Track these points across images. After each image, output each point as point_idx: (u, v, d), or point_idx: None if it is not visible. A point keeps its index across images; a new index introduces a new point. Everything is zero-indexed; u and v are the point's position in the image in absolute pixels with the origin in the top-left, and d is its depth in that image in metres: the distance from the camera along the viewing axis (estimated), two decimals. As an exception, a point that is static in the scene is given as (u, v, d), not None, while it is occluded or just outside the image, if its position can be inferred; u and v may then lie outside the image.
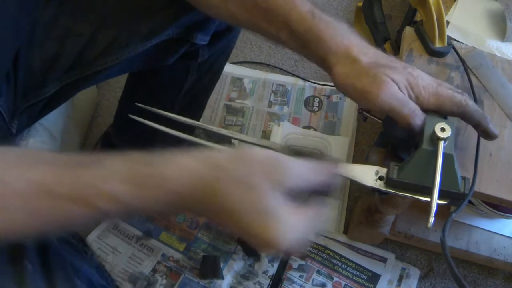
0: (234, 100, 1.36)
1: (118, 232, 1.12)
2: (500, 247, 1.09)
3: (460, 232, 1.10)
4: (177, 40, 0.75)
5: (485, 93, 0.80)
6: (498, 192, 0.73)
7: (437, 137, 0.58)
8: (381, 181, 0.61)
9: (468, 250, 1.09)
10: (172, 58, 0.78)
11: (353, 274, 1.12)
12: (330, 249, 1.14)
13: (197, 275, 1.09)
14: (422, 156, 0.59)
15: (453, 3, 1.00)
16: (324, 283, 1.11)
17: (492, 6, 1.00)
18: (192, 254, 1.12)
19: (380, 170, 0.62)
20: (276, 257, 1.11)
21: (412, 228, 1.09)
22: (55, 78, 0.69)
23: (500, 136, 0.77)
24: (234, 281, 1.09)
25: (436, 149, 0.58)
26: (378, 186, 0.61)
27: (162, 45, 0.73)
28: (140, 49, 0.71)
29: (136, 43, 0.71)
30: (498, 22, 0.97)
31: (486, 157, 0.75)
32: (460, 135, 0.76)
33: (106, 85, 1.35)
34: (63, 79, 0.70)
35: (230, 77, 1.40)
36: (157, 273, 1.09)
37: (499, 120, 0.78)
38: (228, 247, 1.13)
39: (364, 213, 1.09)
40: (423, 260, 1.17)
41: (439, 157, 0.57)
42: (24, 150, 0.55)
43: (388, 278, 1.12)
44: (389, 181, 0.61)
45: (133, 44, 0.70)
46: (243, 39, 1.46)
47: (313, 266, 1.12)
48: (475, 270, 1.17)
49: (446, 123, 0.59)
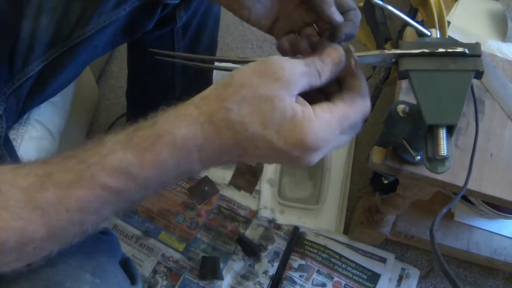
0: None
1: (118, 232, 1.12)
2: (501, 247, 1.09)
3: (460, 233, 1.10)
4: (149, 3, 0.75)
5: (486, 93, 0.80)
6: (498, 192, 0.73)
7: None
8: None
9: (469, 250, 1.09)
10: (149, 22, 0.79)
11: (353, 273, 1.12)
12: (330, 249, 1.14)
13: (197, 276, 1.09)
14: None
15: (454, 3, 0.99)
16: (324, 282, 1.10)
17: (493, 6, 0.99)
18: (191, 255, 1.12)
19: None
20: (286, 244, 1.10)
21: (413, 229, 1.09)
22: (36, 56, 0.69)
23: (501, 137, 0.77)
24: (234, 282, 1.09)
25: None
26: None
27: (136, 11, 0.74)
28: (114, 16, 0.72)
29: (108, 11, 0.71)
30: (499, 22, 0.97)
31: (487, 157, 0.75)
32: (461, 134, 0.75)
33: (106, 85, 1.35)
34: (46, 57, 0.70)
35: (231, 77, 1.40)
36: (158, 274, 1.09)
37: (500, 121, 0.78)
38: (228, 247, 1.13)
39: (364, 213, 1.09)
40: (423, 260, 1.17)
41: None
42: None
43: (388, 277, 1.12)
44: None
45: (106, 12, 0.71)
46: (244, 39, 1.46)
47: (313, 266, 1.12)
48: (476, 270, 1.16)
49: None
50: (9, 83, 0.69)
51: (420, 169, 0.72)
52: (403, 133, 0.66)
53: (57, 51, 0.71)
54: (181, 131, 0.41)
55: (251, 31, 1.47)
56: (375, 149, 0.74)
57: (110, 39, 0.76)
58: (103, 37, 0.74)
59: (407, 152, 0.68)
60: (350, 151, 1.27)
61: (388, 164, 0.73)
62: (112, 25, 0.73)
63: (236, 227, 1.15)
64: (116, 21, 0.73)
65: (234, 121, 0.40)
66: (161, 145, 0.41)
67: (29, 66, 0.70)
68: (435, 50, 0.54)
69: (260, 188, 1.19)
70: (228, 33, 1.46)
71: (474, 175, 0.72)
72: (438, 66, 0.54)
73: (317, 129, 0.41)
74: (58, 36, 0.70)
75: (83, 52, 0.73)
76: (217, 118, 0.41)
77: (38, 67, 0.70)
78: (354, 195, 1.22)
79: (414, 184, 0.81)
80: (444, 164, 0.59)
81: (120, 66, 1.37)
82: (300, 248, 1.14)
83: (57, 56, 0.71)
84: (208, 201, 1.18)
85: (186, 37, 0.91)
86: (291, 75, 0.42)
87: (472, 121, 0.76)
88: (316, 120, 0.41)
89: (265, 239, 1.14)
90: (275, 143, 0.41)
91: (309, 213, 1.17)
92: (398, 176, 0.77)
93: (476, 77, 0.55)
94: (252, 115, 0.40)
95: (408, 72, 0.54)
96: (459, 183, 0.71)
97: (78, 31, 0.71)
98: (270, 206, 1.17)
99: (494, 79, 0.81)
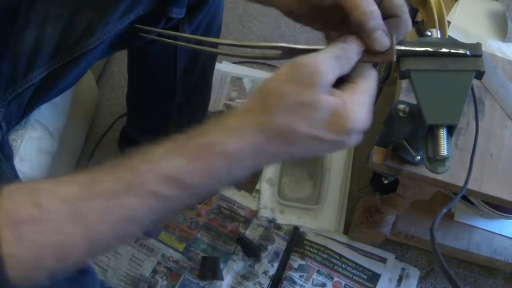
0: (234, 100, 1.36)
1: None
2: (501, 247, 1.09)
3: (460, 233, 1.10)
4: (153, 14, 0.75)
5: (486, 93, 0.80)
6: (498, 192, 0.73)
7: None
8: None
9: (469, 250, 1.09)
10: (152, 33, 0.79)
11: (353, 274, 1.12)
12: (330, 249, 1.14)
13: (197, 276, 1.09)
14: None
15: (454, 4, 0.99)
16: (324, 283, 1.10)
17: (493, 6, 0.99)
18: (191, 255, 1.12)
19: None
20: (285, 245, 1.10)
21: (413, 229, 1.09)
22: (40, 64, 0.69)
23: (501, 137, 0.77)
24: (234, 282, 1.09)
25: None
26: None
27: (140, 21, 0.73)
28: (120, 26, 0.72)
29: (114, 21, 0.71)
30: (499, 22, 0.97)
31: (487, 157, 0.75)
32: (461, 135, 0.75)
33: (106, 85, 1.35)
34: (49, 65, 0.70)
35: (230, 77, 1.39)
36: (158, 274, 1.09)
37: (500, 121, 0.78)
38: (228, 247, 1.13)
39: (364, 213, 1.09)
40: (423, 260, 1.17)
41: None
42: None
43: (388, 277, 1.12)
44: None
45: (111, 22, 0.71)
46: (244, 39, 1.46)
47: (313, 266, 1.12)
48: (476, 270, 1.16)
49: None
50: (11, 89, 0.68)
51: (420, 169, 0.72)
52: (403, 133, 0.66)
53: (61, 60, 0.70)
54: (233, 142, 0.42)
55: (251, 31, 1.47)
56: (375, 149, 0.74)
57: (111, 45, 0.76)
58: (107, 46, 0.74)
59: (407, 152, 0.68)
60: (350, 151, 1.27)
61: (388, 164, 0.73)
62: (115, 35, 0.73)
63: (236, 227, 1.15)
64: (120, 31, 0.73)
65: (283, 129, 0.43)
66: (213, 154, 0.42)
67: (32, 74, 0.69)
68: (438, 50, 0.54)
69: (260, 188, 1.19)
70: (228, 33, 1.46)
71: (474, 175, 0.72)
72: (439, 66, 0.54)
73: (357, 113, 0.44)
74: (63, 45, 0.70)
75: (86, 61, 0.73)
76: (267, 129, 0.43)
77: (42, 74, 0.70)
78: (354, 195, 1.22)
79: (414, 184, 0.81)
80: (444, 164, 0.59)
81: (120, 66, 1.37)
82: (300, 248, 1.14)
83: (61, 65, 0.71)
84: (208, 201, 1.18)
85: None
86: (325, 74, 0.44)
87: (472, 121, 0.76)
88: (352, 104, 0.44)
89: (265, 239, 1.14)
90: (325, 137, 0.44)
91: (309, 213, 1.17)
92: (398, 176, 0.77)
93: (476, 77, 0.55)
94: (298, 120, 0.43)
95: (409, 72, 0.54)
96: (459, 183, 0.71)
97: (83, 41, 0.70)
98: (270, 206, 1.17)
99: (494, 79, 0.81)
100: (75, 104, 1.01)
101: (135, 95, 1.08)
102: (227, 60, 1.40)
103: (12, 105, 0.70)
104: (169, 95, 1.00)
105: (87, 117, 1.24)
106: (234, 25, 1.47)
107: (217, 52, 0.58)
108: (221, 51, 0.59)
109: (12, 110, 0.70)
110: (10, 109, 0.70)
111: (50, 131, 0.84)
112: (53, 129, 0.85)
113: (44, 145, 0.82)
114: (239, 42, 0.53)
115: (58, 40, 0.69)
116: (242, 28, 1.47)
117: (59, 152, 0.89)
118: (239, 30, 1.47)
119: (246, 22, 1.48)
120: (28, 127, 0.79)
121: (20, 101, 0.71)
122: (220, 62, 1.38)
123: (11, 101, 0.69)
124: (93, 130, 1.27)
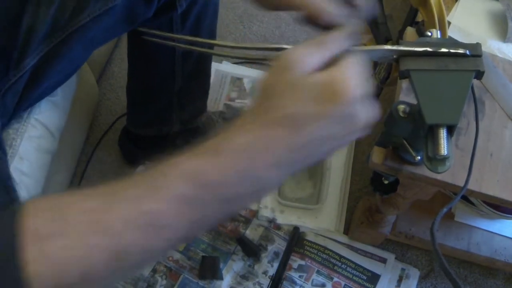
0: (234, 100, 1.36)
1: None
2: (501, 247, 1.09)
3: (461, 233, 1.10)
4: None
5: (486, 93, 0.80)
6: (498, 192, 0.73)
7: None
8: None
9: (469, 250, 1.09)
10: (149, 9, 0.79)
11: (352, 274, 1.12)
12: (330, 249, 1.14)
13: (196, 275, 1.09)
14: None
15: (454, 4, 1.00)
16: (324, 283, 1.10)
17: (493, 6, 1.00)
18: (191, 254, 1.12)
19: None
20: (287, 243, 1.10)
21: (413, 229, 1.09)
22: (32, 49, 0.69)
23: (501, 137, 0.77)
24: (233, 282, 1.09)
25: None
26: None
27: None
28: (110, 3, 0.72)
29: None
30: (499, 22, 0.97)
31: (487, 157, 0.75)
32: (461, 135, 0.75)
33: (107, 85, 1.35)
34: (41, 48, 0.70)
35: (230, 77, 1.40)
36: (157, 273, 1.09)
37: (500, 121, 0.78)
38: (228, 247, 1.13)
39: (365, 213, 1.09)
40: (423, 260, 1.17)
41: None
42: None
43: (388, 278, 1.12)
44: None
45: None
46: (244, 39, 1.46)
47: (313, 266, 1.12)
48: (476, 270, 1.16)
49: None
50: (5, 79, 0.68)
51: (420, 169, 0.72)
52: (403, 133, 0.66)
53: (52, 42, 0.70)
54: (243, 136, 0.42)
55: (251, 31, 1.48)
56: (375, 149, 0.74)
57: (109, 28, 0.75)
58: (101, 26, 0.73)
59: (407, 152, 0.68)
60: (350, 151, 1.27)
61: (388, 164, 0.73)
62: (110, 14, 0.73)
63: (236, 227, 1.15)
64: (114, 9, 0.73)
65: (284, 116, 0.42)
66: (230, 150, 0.41)
67: (25, 61, 0.69)
68: (438, 50, 0.54)
69: (260, 188, 1.19)
70: (228, 33, 1.46)
71: (474, 175, 0.72)
72: (439, 66, 0.54)
73: (347, 80, 0.43)
74: (54, 28, 0.70)
75: (79, 42, 0.72)
76: (271, 122, 0.42)
77: (34, 60, 0.69)
78: (354, 195, 1.22)
79: (414, 184, 0.81)
80: (445, 164, 0.59)
81: (120, 66, 1.37)
82: (300, 249, 1.13)
83: (52, 47, 0.70)
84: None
85: (185, 27, 0.91)
86: (303, 56, 0.44)
87: (472, 121, 0.76)
88: (341, 74, 0.44)
89: (265, 239, 1.14)
90: (327, 111, 0.43)
91: (309, 213, 1.17)
92: (398, 176, 0.77)
93: (476, 77, 0.55)
94: (294, 104, 0.43)
95: (409, 72, 0.54)
96: (459, 183, 0.71)
97: (73, 20, 0.70)
98: (270, 206, 1.17)
99: (494, 79, 0.81)
100: (76, 103, 1.01)
101: (135, 84, 1.08)
102: (227, 60, 1.40)
103: (7, 96, 0.69)
104: (168, 81, 1.00)
105: (87, 117, 1.24)
106: (234, 25, 1.47)
107: (218, 54, 0.58)
108: (221, 53, 0.59)
109: (7, 102, 0.70)
110: (5, 100, 0.69)
111: (50, 130, 0.84)
112: (53, 128, 0.85)
113: (44, 144, 0.82)
114: (238, 44, 0.54)
115: (50, 24, 0.69)
116: (242, 28, 1.47)
117: (59, 151, 0.89)
118: (239, 30, 1.47)
119: (246, 22, 1.49)
120: (28, 126, 0.79)
121: (15, 91, 0.70)
122: (220, 62, 1.38)
123: (6, 92, 0.69)
124: (93, 129, 1.28)
